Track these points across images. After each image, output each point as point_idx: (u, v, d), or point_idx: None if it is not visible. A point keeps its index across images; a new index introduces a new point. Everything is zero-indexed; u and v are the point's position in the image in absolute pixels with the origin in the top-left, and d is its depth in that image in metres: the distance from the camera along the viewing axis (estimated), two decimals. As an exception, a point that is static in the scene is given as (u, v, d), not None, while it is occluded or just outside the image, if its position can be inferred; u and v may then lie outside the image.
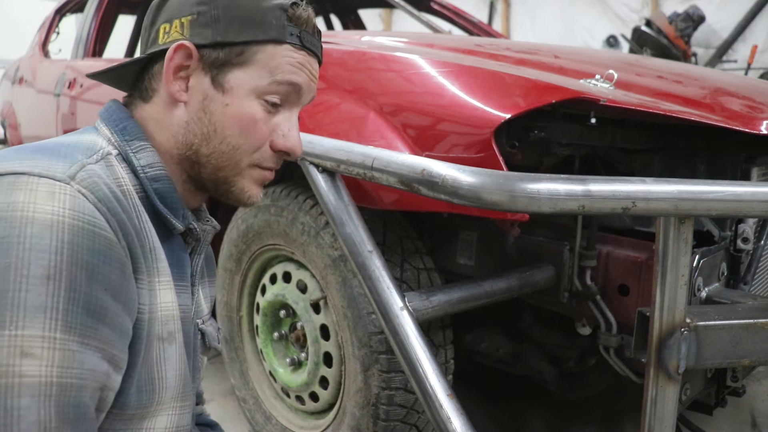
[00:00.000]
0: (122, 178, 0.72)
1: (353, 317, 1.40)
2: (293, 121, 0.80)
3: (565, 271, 1.37)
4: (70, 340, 0.59)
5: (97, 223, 0.63)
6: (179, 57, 0.75)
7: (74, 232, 0.61)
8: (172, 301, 0.76)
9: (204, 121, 0.76)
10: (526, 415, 2.01)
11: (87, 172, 0.65)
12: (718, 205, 0.95)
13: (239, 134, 0.76)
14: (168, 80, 0.76)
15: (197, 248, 0.85)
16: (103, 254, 0.62)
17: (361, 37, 1.91)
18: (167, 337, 0.75)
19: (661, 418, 1.01)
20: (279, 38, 0.75)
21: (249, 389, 1.82)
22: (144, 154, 0.76)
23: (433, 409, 1.06)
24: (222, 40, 0.74)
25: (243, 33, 0.74)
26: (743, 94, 1.55)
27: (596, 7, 6.85)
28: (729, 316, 1.07)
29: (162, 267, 0.74)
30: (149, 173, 0.75)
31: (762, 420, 1.96)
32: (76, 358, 0.60)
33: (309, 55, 0.79)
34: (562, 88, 1.21)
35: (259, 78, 0.75)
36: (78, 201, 0.62)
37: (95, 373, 0.62)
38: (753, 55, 5.32)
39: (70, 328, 0.59)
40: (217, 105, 0.75)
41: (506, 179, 0.93)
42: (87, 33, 3.02)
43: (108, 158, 0.72)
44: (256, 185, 0.81)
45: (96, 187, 0.65)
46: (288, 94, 0.78)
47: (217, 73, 0.75)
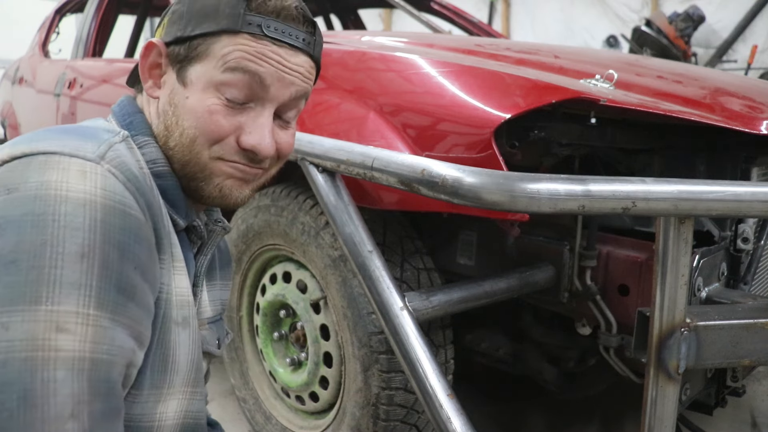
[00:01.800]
0: (140, 161, 0.73)
1: (353, 317, 1.40)
2: (263, 119, 0.77)
3: (565, 271, 1.37)
4: (102, 316, 0.61)
5: (127, 203, 0.64)
6: (152, 55, 0.78)
7: (106, 211, 0.62)
8: (186, 287, 0.77)
9: (169, 114, 0.77)
10: (526, 415, 2.02)
11: (115, 152, 0.67)
12: (718, 205, 0.95)
13: (195, 126, 0.75)
14: (143, 78, 0.79)
15: (203, 248, 0.85)
16: (133, 233, 0.64)
17: (361, 37, 1.91)
18: (182, 322, 0.76)
19: (661, 418, 1.01)
20: (232, 28, 0.73)
21: (249, 389, 1.82)
22: (148, 149, 0.76)
23: (433, 409, 1.06)
24: (182, 35, 0.75)
25: (199, 26, 0.74)
26: (743, 94, 1.55)
27: (596, 7, 6.85)
28: (729, 316, 1.07)
29: (177, 253, 0.75)
30: (153, 169, 0.76)
31: (762, 420, 1.96)
32: (107, 334, 0.61)
33: (277, 45, 0.75)
34: (562, 88, 1.21)
35: (214, 69, 0.74)
36: (109, 180, 0.64)
37: (124, 349, 0.63)
38: (753, 55, 5.32)
39: (102, 304, 0.61)
40: (180, 98, 0.76)
41: (506, 179, 0.93)
42: (87, 33, 3.02)
43: (128, 141, 0.73)
44: (229, 178, 0.78)
45: (125, 167, 0.66)
46: (249, 86, 0.75)
47: (179, 67, 0.76)
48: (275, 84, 0.76)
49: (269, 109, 0.77)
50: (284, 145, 0.81)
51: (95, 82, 2.66)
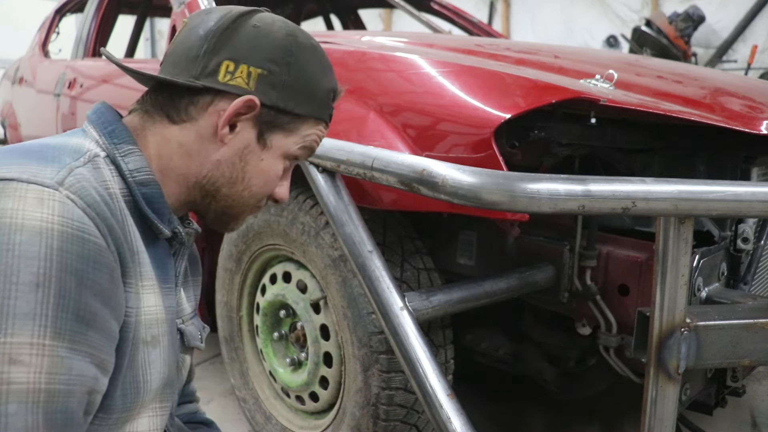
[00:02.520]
0: (109, 181, 0.72)
1: (353, 317, 1.40)
2: (289, 176, 0.88)
3: (565, 271, 1.37)
4: (59, 346, 0.60)
5: (86, 229, 0.63)
6: (243, 108, 0.77)
7: (63, 238, 0.61)
8: (156, 304, 0.76)
9: (237, 168, 0.80)
10: (526, 415, 2.02)
11: (75, 177, 0.66)
12: (718, 205, 0.95)
13: (261, 186, 0.83)
14: (223, 123, 0.77)
15: (180, 251, 0.85)
16: (92, 260, 0.62)
17: (361, 37, 1.91)
18: (151, 341, 0.75)
19: (661, 418, 1.01)
20: (322, 117, 0.84)
21: (249, 389, 1.82)
22: (132, 158, 0.76)
23: (433, 409, 1.06)
24: (283, 107, 0.79)
25: (301, 106, 0.80)
26: (743, 94, 1.55)
27: (596, 7, 6.85)
28: (729, 316, 1.07)
29: (145, 271, 0.74)
30: (137, 177, 0.75)
31: (762, 420, 1.96)
32: (65, 364, 0.60)
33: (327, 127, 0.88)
34: (562, 88, 1.21)
35: (293, 144, 0.82)
36: (67, 207, 0.62)
37: (83, 378, 0.62)
38: (753, 55, 5.32)
39: (59, 334, 0.60)
40: (254, 157, 0.81)
41: (506, 179, 0.93)
42: (87, 33, 3.02)
43: (95, 160, 0.72)
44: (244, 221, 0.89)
45: (85, 192, 0.65)
46: (302, 159, 0.87)
47: (265, 130, 0.80)
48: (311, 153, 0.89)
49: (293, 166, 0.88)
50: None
51: (95, 82, 2.66)
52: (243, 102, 0.76)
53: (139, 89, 0.84)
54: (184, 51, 0.78)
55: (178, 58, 0.79)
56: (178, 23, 2.13)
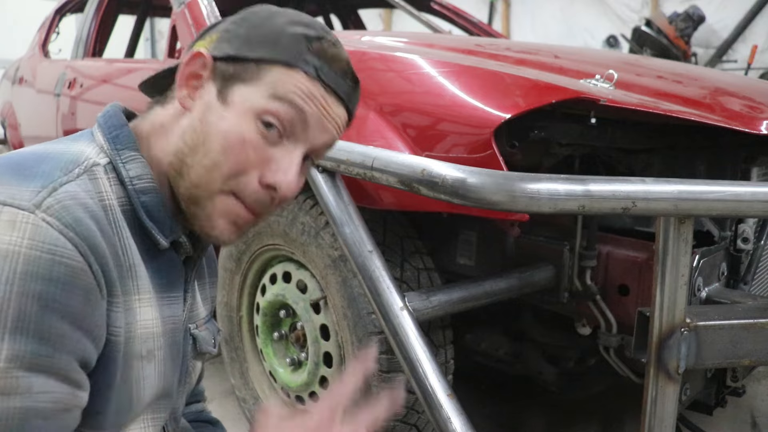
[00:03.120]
0: (105, 192, 0.69)
1: (353, 317, 1.40)
2: (293, 156, 0.73)
3: (565, 271, 1.37)
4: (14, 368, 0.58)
5: (57, 251, 0.60)
6: (195, 65, 0.74)
7: (29, 262, 0.59)
8: (152, 318, 0.73)
9: (198, 131, 0.73)
10: (526, 415, 2.02)
11: (56, 197, 0.63)
12: (718, 205, 0.95)
13: (223, 152, 0.71)
14: (179, 85, 0.74)
15: (194, 254, 0.82)
16: (61, 282, 0.60)
17: (361, 37, 1.91)
18: (146, 356, 0.73)
19: (661, 418, 1.01)
20: (291, 62, 0.72)
21: (249, 389, 1.82)
22: (134, 165, 0.73)
23: (433, 409, 1.06)
24: (236, 54, 0.73)
25: (257, 50, 0.72)
26: (743, 94, 1.55)
27: (596, 7, 6.85)
28: (729, 316, 1.07)
29: (142, 284, 0.71)
30: (137, 185, 0.72)
31: (762, 420, 1.96)
32: (22, 383, 0.58)
33: (327, 92, 0.74)
34: (562, 88, 1.21)
35: (260, 95, 0.72)
36: (39, 230, 0.60)
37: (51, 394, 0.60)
38: (753, 55, 5.31)
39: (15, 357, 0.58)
40: (215, 116, 0.72)
41: (506, 179, 0.93)
42: (87, 33, 3.02)
43: (93, 170, 0.69)
44: (224, 218, 0.74)
45: (64, 212, 0.62)
46: (291, 121, 0.72)
47: (224, 85, 0.73)
48: (315, 126, 0.74)
49: (300, 149, 0.74)
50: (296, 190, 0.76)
51: (95, 82, 2.66)
52: (190, 57, 0.73)
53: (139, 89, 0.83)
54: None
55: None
56: (178, 23, 2.13)
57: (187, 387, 0.89)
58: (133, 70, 2.42)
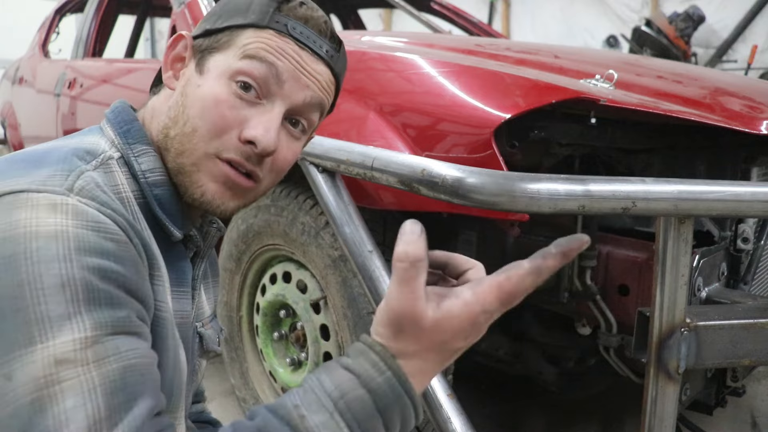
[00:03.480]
0: (121, 185, 0.71)
1: (353, 317, 1.40)
2: (271, 114, 0.74)
3: (565, 271, 1.37)
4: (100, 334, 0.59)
5: (102, 227, 0.62)
6: (178, 47, 0.78)
7: (79, 239, 0.61)
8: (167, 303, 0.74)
9: (179, 103, 0.75)
10: (526, 415, 2.01)
11: (85, 180, 0.65)
12: (718, 205, 0.95)
13: (200, 116, 0.73)
14: (164, 68, 0.78)
15: (200, 252, 0.84)
16: (113, 255, 0.62)
17: (361, 37, 1.91)
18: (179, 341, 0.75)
19: (661, 418, 1.01)
20: (259, 22, 0.74)
21: (249, 389, 1.82)
22: (146, 158, 0.74)
23: (433, 409, 1.06)
24: (210, 28, 0.76)
25: (227, 21, 0.75)
26: (743, 94, 1.54)
27: (596, 7, 6.85)
28: (729, 316, 1.07)
29: (163, 273, 0.73)
30: (150, 178, 0.74)
31: (762, 420, 1.96)
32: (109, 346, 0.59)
33: (299, 46, 0.74)
34: (562, 88, 1.21)
35: (232, 57, 0.73)
36: (80, 209, 0.62)
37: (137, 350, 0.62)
38: (753, 55, 5.31)
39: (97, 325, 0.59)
40: (192, 87, 0.75)
41: (506, 179, 0.93)
42: (87, 33, 3.02)
43: (108, 163, 0.71)
44: (214, 182, 0.74)
45: (95, 195, 0.65)
46: (264, 78, 0.73)
47: (200, 57, 0.76)
48: (290, 81, 0.74)
49: (279, 107, 0.74)
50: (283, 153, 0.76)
51: (95, 82, 2.65)
52: (172, 40, 0.77)
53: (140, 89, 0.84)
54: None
55: None
56: (178, 23, 2.13)
57: (193, 385, 0.90)
58: (133, 70, 2.42)
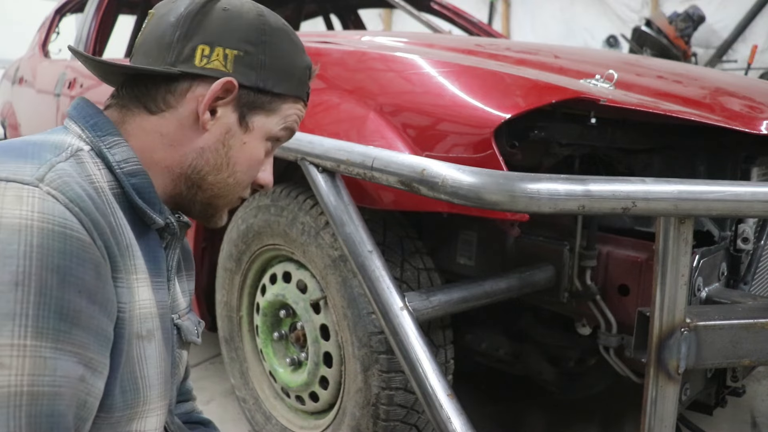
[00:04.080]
0: (94, 175, 0.70)
1: (353, 317, 1.40)
2: (271, 160, 0.87)
3: (565, 271, 1.37)
4: (41, 346, 0.58)
5: (68, 225, 0.61)
6: (221, 91, 0.76)
7: (44, 235, 0.59)
8: (149, 298, 0.75)
9: (221, 153, 0.79)
10: (526, 415, 2.01)
11: (57, 172, 0.64)
12: (718, 205, 0.95)
13: (246, 171, 0.82)
14: (203, 108, 0.76)
15: (172, 243, 0.84)
16: (75, 256, 0.61)
17: (361, 37, 1.91)
18: (146, 335, 0.73)
19: (661, 418, 1.01)
20: (300, 96, 0.84)
21: (249, 389, 1.82)
22: (119, 149, 0.74)
23: (433, 409, 1.06)
24: (263, 87, 0.79)
25: (280, 85, 0.80)
26: (743, 94, 1.54)
27: (596, 7, 6.85)
28: (729, 316, 1.07)
29: (139, 264, 0.73)
30: (125, 168, 0.74)
31: (762, 420, 1.96)
32: (48, 365, 0.58)
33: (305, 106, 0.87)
34: (562, 88, 1.21)
35: (275, 125, 0.82)
36: (47, 203, 0.61)
37: (70, 379, 0.60)
38: (753, 55, 5.31)
39: (41, 334, 0.58)
40: (237, 141, 0.80)
41: (506, 179, 0.93)
42: (87, 33, 3.02)
43: (78, 155, 0.70)
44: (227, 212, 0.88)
45: (67, 187, 0.63)
46: (283, 140, 0.86)
47: (246, 112, 0.79)
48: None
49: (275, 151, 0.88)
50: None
51: (95, 82, 2.65)
52: (222, 84, 0.75)
53: None
54: (155, 39, 0.77)
55: (150, 48, 0.77)
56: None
57: (176, 379, 0.90)
58: (133, 70, 2.42)
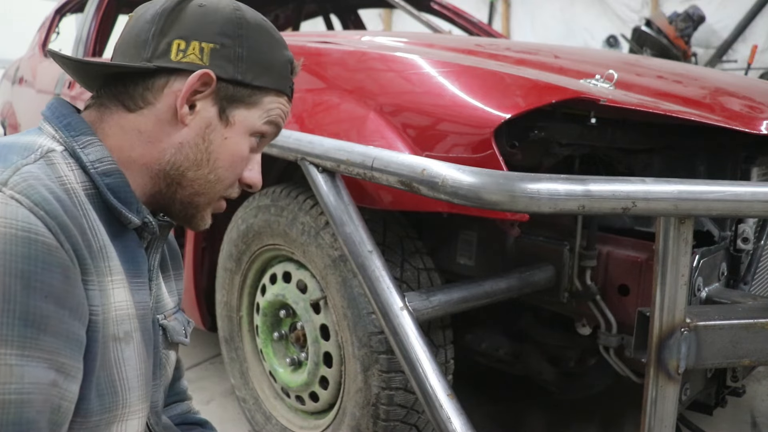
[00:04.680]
0: (65, 176, 0.69)
1: (353, 317, 1.40)
2: (259, 159, 0.86)
3: (565, 271, 1.37)
4: (6, 354, 0.57)
5: (32, 229, 0.60)
6: (198, 84, 0.75)
7: (7, 240, 0.58)
8: (126, 299, 0.73)
9: (201, 148, 0.78)
10: (526, 415, 2.01)
11: (21, 175, 0.63)
12: (718, 205, 0.95)
13: (227, 167, 0.80)
14: (181, 102, 0.75)
15: (153, 242, 0.83)
16: (41, 260, 0.60)
17: (361, 37, 1.91)
18: (123, 337, 0.72)
19: (661, 418, 1.01)
20: (282, 90, 0.82)
21: (249, 389, 1.82)
22: (92, 149, 0.73)
23: (433, 409, 1.06)
24: (241, 80, 0.77)
25: (260, 78, 0.79)
26: (743, 94, 1.54)
27: (596, 7, 6.85)
28: (729, 316, 1.07)
29: (114, 265, 0.72)
30: (99, 168, 0.73)
31: (762, 420, 1.96)
32: (15, 372, 0.57)
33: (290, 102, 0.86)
34: (562, 88, 1.21)
35: (258, 119, 0.81)
36: (10, 208, 0.60)
37: (40, 385, 0.59)
38: (753, 55, 5.31)
39: (5, 341, 0.57)
40: (218, 136, 0.78)
41: (506, 179, 0.93)
42: (87, 33, 3.02)
43: (49, 156, 0.69)
44: (210, 214, 0.85)
45: (32, 191, 0.62)
46: (269, 136, 0.84)
47: (226, 106, 0.78)
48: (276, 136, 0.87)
49: (260, 152, 0.86)
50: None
51: (95, 82, 2.65)
52: (198, 77, 0.74)
53: None
54: (132, 38, 0.78)
55: (127, 47, 0.78)
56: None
57: (163, 380, 0.89)
58: (133, 70, 2.42)
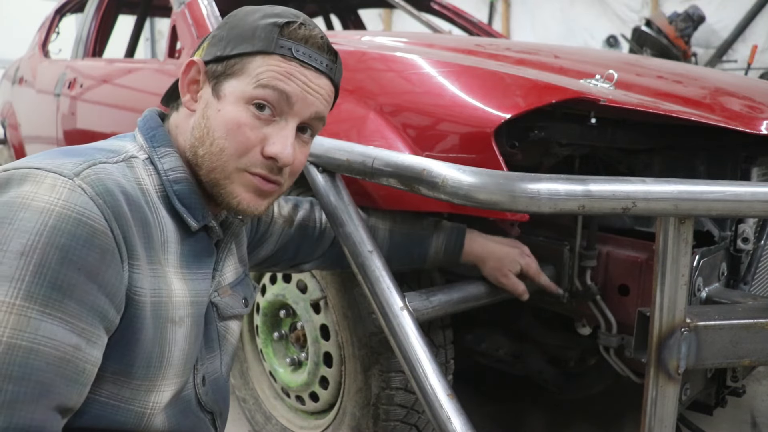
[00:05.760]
0: (142, 179, 0.82)
1: (353, 317, 1.40)
2: (286, 131, 0.85)
3: (565, 271, 1.37)
4: (28, 307, 0.66)
5: (85, 213, 0.70)
6: (192, 72, 0.88)
7: (60, 218, 0.68)
8: (182, 288, 0.84)
9: (201, 125, 0.85)
10: (526, 415, 2.02)
11: (95, 170, 0.74)
12: (718, 205, 0.95)
13: (225, 137, 0.83)
14: (182, 92, 0.89)
15: (225, 238, 0.95)
16: (83, 239, 0.69)
17: (361, 37, 1.91)
18: (178, 321, 0.83)
19: (661, 418, 1.01)
20: (266, 49, 0.83)
21: (249, 389, 1.82)
22: (168, 159, 0.86)
23: (433, 409, 1.06)
24: (221, 55, 0.85)
25: (237, 47, 0.84)
26: (743, 94, 1.54)
27: (596, 7, 6.85)
28: (729, 316, 1.07)
29: (172, 259, 0.83)
30: (171, 176, 0.85)
31: (762, 420, 1.96)
32: (31, 324, 0.66)
33: (303, 66, 0.85)
34: (562, 88, 1.21)
35: (247, 85, 0.83)
36: (74, 194, 0.70)
37: (56, 342, 0.67)
38: (753, 55, 5.31)
39: (31, 297, 0.66)
40: (213, 110, 0.85)
41: (506, 179, 0.93)
42: (87, 33, 3.02)
43: (131, 161, 0.82)
44: (248, 191, 0.86)
45: (98, 183, 0.73)
46: (277, 102, 0.84)
47: (216, 83, 0.85)
48: (299, 102, 0.85)
49: (292, 123, 0.86)
50: (298, 159, 0.89)
51: (95, 82, 2.65)
52: (186, 67, 0.87)
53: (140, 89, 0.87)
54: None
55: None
56: (178, 23, 2.13)
57: (228, 347, 1.02)
58: (133, 70, 2.42)
